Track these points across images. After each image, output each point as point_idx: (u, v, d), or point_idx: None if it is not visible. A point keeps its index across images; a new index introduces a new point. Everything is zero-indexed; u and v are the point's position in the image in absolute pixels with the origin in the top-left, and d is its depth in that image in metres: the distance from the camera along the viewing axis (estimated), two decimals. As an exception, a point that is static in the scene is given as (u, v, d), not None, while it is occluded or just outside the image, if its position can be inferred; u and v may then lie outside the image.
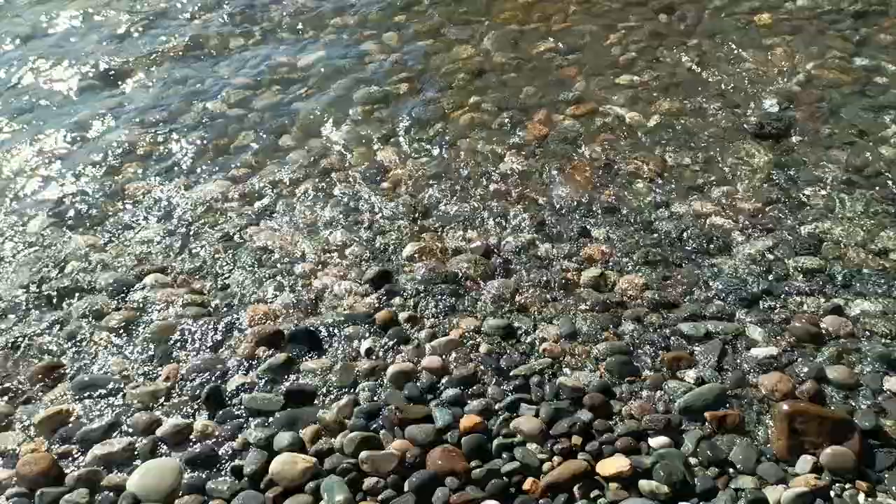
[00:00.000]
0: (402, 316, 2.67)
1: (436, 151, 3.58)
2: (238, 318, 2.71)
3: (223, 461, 2.21)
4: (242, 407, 2.37)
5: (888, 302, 2.58)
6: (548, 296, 2.73)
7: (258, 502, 2.07)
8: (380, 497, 2.07)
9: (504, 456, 2.16)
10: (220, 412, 2.35)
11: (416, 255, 2.95)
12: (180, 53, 4.59)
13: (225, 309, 2.77)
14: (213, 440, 2.26)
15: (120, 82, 4.37)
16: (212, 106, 4.06)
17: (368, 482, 2.10)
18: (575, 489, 2.05)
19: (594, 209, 3.14)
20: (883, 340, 2.44)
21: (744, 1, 4.53)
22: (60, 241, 3.18)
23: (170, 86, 4.30)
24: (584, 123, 3.67)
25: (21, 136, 3.92)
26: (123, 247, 3.13)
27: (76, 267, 3.02)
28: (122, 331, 2.69)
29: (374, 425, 2.27)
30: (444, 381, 2.41)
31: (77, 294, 2.88)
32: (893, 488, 2.01)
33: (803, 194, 3.12)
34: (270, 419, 2.32)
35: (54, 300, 2.86)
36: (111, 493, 2.12)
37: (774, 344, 2.46)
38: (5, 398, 2.45)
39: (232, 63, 4.46)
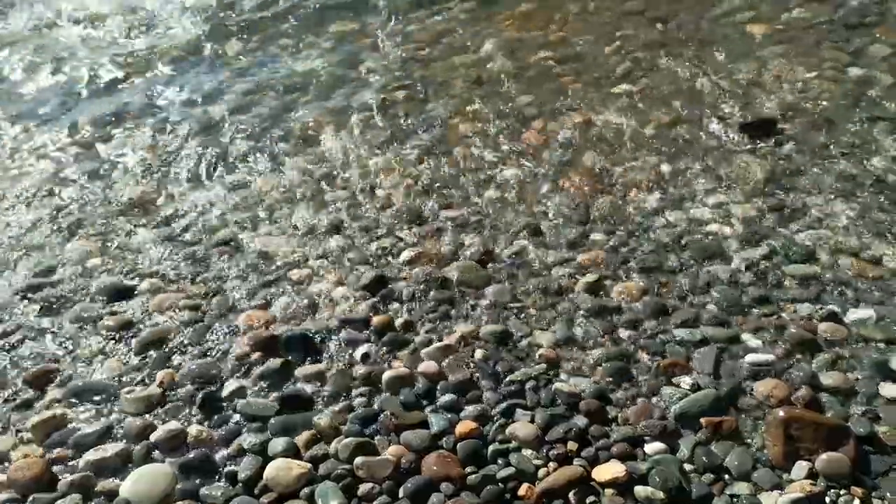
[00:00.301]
0: (399, 321, 2.67)
1: (433, 158, 3.60)
2: (234, 324, 2.71)
3: (218, 467, 2.20)
4: (237, 412, 2.36)
5: (882, 309, 2.58)
6: (544, 301, 2.73)
7: (252, 508, 2.06)
8: (375, 503, 2.06)
9: (499, 462, 2.15)
10: (215, 417, 2.34)
11: (412, 261, 2.95)
12: (179, 59, 4.61)
13: (220, 314, 2.76)
14: (208, 446, 2.25)
15: (118, 86, 4.38)
16: (211, 111, 4.07)
17: (363, 488, 2.09)
18: (570, 495, 2.04)
19: (590, 216, 3.15)
20: (878, 347, 2.44)
21: (738, 12, 4.57)
22: (56, 244, 3.17)
23: (168, 91, 4.32)
24: (581, 132, 3.69)
25: (19, 140, 3.92)
26: (119, 251, 3.13)
27: (72, 271, 3.01)
28: (117, 335, 2.68)
29: (370, 431, 2.27)
30: (439, 386, 2.40)
31: (73, 298, 2.87)
32: (888, 494, 2.01)
33: (798, 203, 3.13)
34: (265, 425, 2.30)
35: (49, 304, 2.85)
36: (104, 499, 2.11)
37: (770, 350, 2.46)
38: (-1, 403, 2.44)
39: (231, 69, 4.48)
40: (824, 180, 3.23)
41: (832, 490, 2.02)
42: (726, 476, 2.09)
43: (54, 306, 2.84)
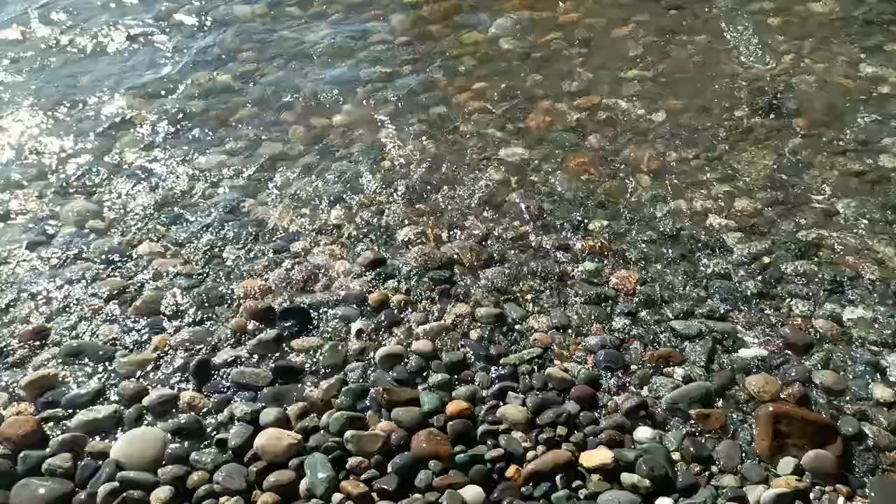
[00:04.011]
0: (395, 299, 2.66)
1: (437, 135, 3.56)
2: (230, 292, 2.71)
3: (208, 433, 2.21)
4: (230, 381, 2.36)
5: (880, 310, 2.58)
6: (541, 286, 2.73)
7: (241, 475, 2.07)
8: (363, 476, 2.07)
9: (489, 442, 2.16)
10: (208, 385, 2.35)
11: (411, 239, 2.94)
12: (185, 23, 4.54)
13: (217, 282, 2.76)
14: (200, 412, 2.26)
15: (123, 50, 4.32)
16: (216, 77, 4.03)
17: (352, 461, 2.10)
18: (557, 479, 2.05)
19: (593, 201, 3.13)
20: (872, 348, 2.45)
21: (755, 1, 4.50)
22: (55, 206, 3.15)
23: (174, 55, 4.26)
24: (589, 115, 3.65)
25: (21, 100, 3.88)
26: (118, 215, 3.11)
27: (69, 232, 3.00)
28: (112, 298, 2.68)
29: (361, 406, 2.28)
30: (433, 365, 2.41)
31: (69, 259, 2.86)
32: (872, 494, 2.02)
33: (803, 198, 3.12)
34: (258, 394, 2.31)
35: (46, 265, 2.84)
36: (94, 459, 2.12)
37: (764, 346, 2.46)
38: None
39: (238, 35, 4.42)
40: (831, 176, 3.21)
41: (817, 487, 2.03)
42: (713, 468, 2.10)
43: (51, 266, 2.83)
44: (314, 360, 2.44)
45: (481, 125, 3.61)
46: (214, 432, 2.20)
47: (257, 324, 2.55)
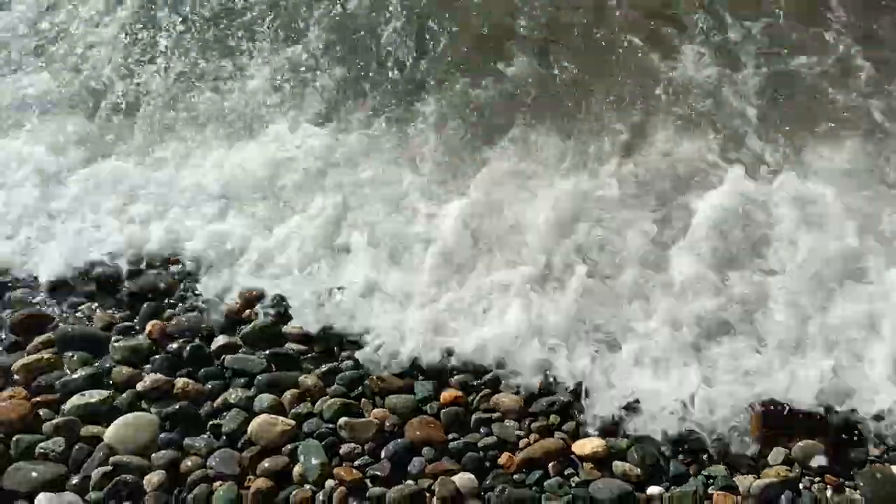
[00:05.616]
0: (390, 288, 2.66)
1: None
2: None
3: (203, 419, 2.21)
4: (225, 367, 2.36)
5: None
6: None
7: (234, 460, 2.08)
8: (356, 463, 2.08)
9: (482, 430, 2.18)
10: (203, 371, 2.35)
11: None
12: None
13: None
14: (194, 398, 2.26)
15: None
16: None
17: (346, 448, 2.11)
18: (550, 466, 2.07)
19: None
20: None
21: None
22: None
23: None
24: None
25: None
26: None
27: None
28: (107, 285, 2.67)
29: (355, 393, 2.28)
30: (428, 353, 2.41)
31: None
32: (860, 484, 2.04)
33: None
34: (252, 380, 2.31)
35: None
36: (87, 444, 2.12)
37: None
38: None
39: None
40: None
41: (806, 477, 2.05)
42: (703, 457, 2.12)
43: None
44: (309, 346, 2.44)
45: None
46: (209, 418, 2.20)
47: (253, 311, 2.55)
